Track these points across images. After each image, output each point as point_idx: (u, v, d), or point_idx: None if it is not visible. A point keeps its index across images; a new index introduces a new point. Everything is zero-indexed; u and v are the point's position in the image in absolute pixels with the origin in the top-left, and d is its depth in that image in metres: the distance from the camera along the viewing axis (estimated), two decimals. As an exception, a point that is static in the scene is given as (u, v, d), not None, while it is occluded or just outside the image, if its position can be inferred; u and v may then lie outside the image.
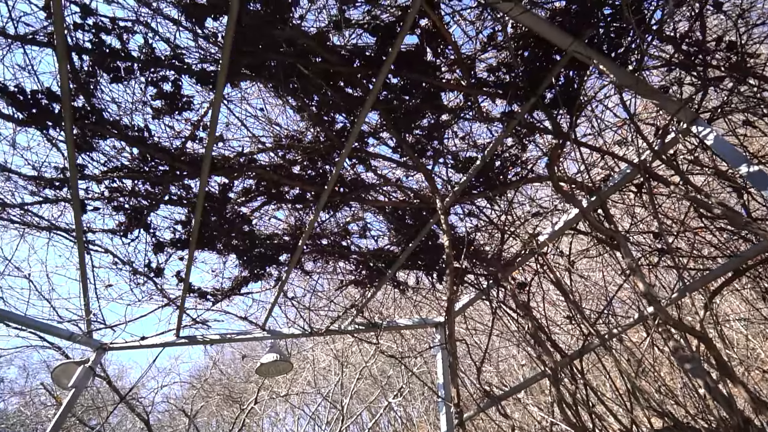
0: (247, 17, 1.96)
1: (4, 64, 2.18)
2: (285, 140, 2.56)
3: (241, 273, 3.32)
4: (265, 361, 3.77)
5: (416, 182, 2.97)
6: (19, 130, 2.39)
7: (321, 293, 3.77)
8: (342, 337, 7.94)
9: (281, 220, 3.10)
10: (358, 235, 3.21)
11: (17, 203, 2.74)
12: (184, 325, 3.69)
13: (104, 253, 3.09)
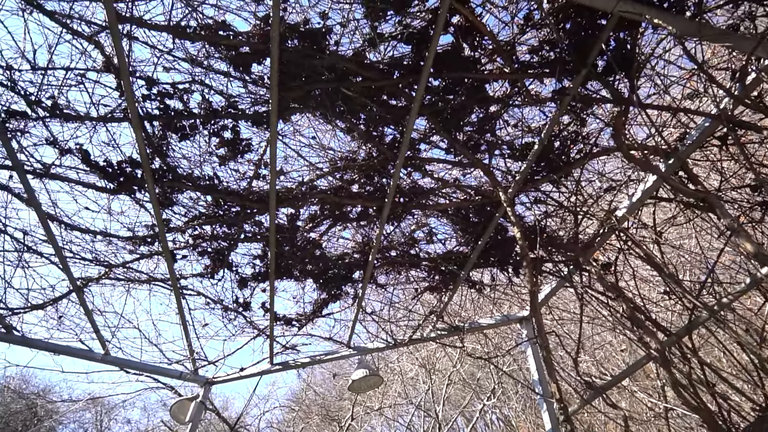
0: (287, 54, 2.07)
1: (92, 143, 2.48)
2: (340, 162, 2.65)
3: (319, 296, 3.44)
4: (356, 377, 3.85)
5: (475, 179, 2.92)
6: (112, 198, 2.69)
7: (398, 304, 3.79)
8: (425, 344, 7.92)
9: (349, 239, 3.19)
10: (425, 241, 3.21)
11: (120, 263, 3.07)
12: (276, 353, 3.89)
13: (197, 296, 3.36)
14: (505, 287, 3.73)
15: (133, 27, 2.04)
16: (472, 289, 3.61)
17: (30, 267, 3.09)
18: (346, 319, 3.77)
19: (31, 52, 2.13)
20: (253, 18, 2.10)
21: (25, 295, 3.22)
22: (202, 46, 2.12)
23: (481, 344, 7.18)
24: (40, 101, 2.25)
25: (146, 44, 2.09)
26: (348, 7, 2.08)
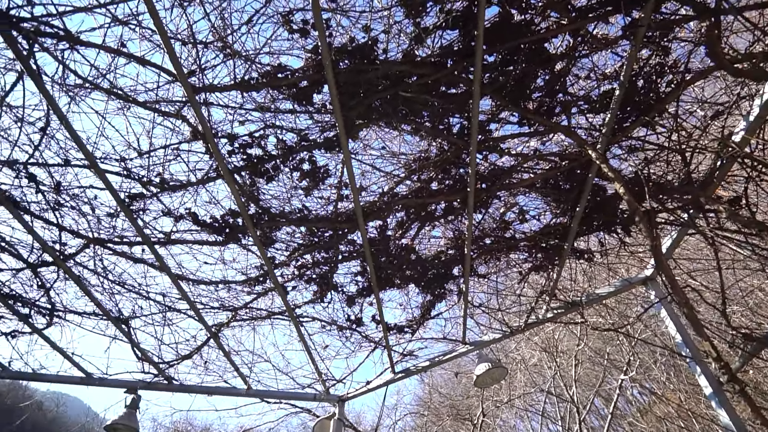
0: (342, 76, 2.15)
1: (197, 205, 2.78)
2: (414, 164, 2.66)
3: (424, 299, 3.47)
4: (479, 372, 3.79)
5: (556, 144, 2.75)
6: (223, 249, 2.99)
7: (505, 291, 3.68)
8: (543, 327, 7.56)
9: (440, 237, 3.18)
10: (518, 221, 3.08)
11: (242, 305, 3.38)
12: (395, 361, 3.98)
13: (313, 321, 3.57)
14: (618, 250, 3.43)
15: (207, 94, 2.27)
16: (581, 259, 3.37)
17: (173, 323, 3.53)
18: (455, 316, 3.75)
19: (135, 141, 2.47)
20: (303, 52, 2.22)
21: (174, 348, 3.69)
22: (266, 92, 2.28)
23: (603, 316, 6.66)
24: (150, 180, 2.59)
25: (220, 105, 2.31)
26: (387, 13, 2.10)
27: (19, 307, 3.29)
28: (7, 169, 2.52)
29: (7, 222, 2.81)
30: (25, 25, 2.01)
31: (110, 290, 3.28)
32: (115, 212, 2.75)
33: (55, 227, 2.80)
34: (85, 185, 2.68)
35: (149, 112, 2.38)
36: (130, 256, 3.00)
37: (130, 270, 3.17)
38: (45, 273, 3.15)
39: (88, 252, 2.99)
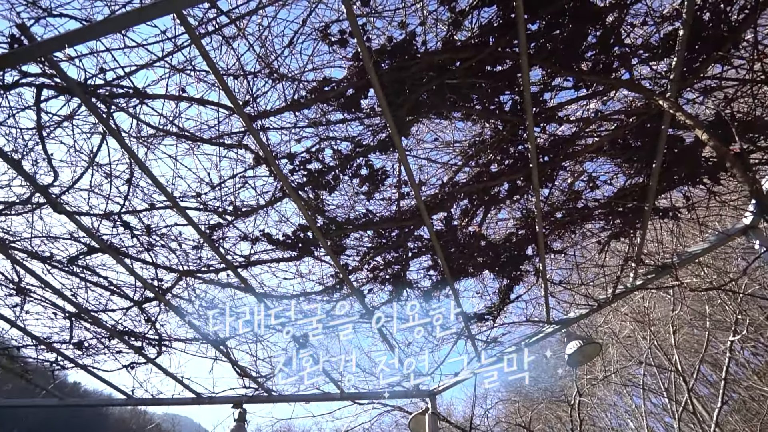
0: (386, 76, 2.16)
1: (268, 225, 2.94)
2: (470, 150, 2.62)
3: (501, 283, 3.39)
4: (571, 350, 3.64)
5: (619, 101, 2.57)
6: (299, 263, 3.13)
7: (585, 264, 3.50)
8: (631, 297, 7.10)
9: (508, 218, 3.09)
10: (589, 189, 2.92)
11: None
12: (480, 349, 3.93)
13: (390, 320, 3.63)
14: (707, 202, 3.14)
15: (263, 120, 2.39)
16: (666, 218, 3.13)
17: (264, 339, 3.76)
18: (536, 297, 3.63)
19: (206, 176, 2.66)
20: (345, 61, 2.26)
21: (269, 362, 3.92)
22: (316, 107, 2.36)
23: (699, 276, 6.12)
24: (225, 210, 2.77)
25: (276, 128, 2.43)
26: (421, 4, 2.09)
27: (133, 341, 3.66)
28: (105, 220, 2.81)
29: (112, 267, 3.14)
30: (100, 91, 2.24)
31: (205, 316, 3.56)
32: (199, 244, 2.98)
33: (152, 266, 3.08)
34: (170, 224, 2.92)
35: (214, 147, 2.56)
36: (217, 282, 3.23)
37: (220, 295, 3.42)
38: (149, 308, 3.48)
39: (181, 284, 3.26)
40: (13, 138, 2.45)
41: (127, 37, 2.12)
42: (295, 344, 3.77)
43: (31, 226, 2.86)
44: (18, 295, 3.26)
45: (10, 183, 2.69)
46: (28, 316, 3.49)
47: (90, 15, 2.02)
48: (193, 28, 1.93)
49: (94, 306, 3.41)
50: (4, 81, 2.18)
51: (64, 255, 3.04)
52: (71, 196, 2.73)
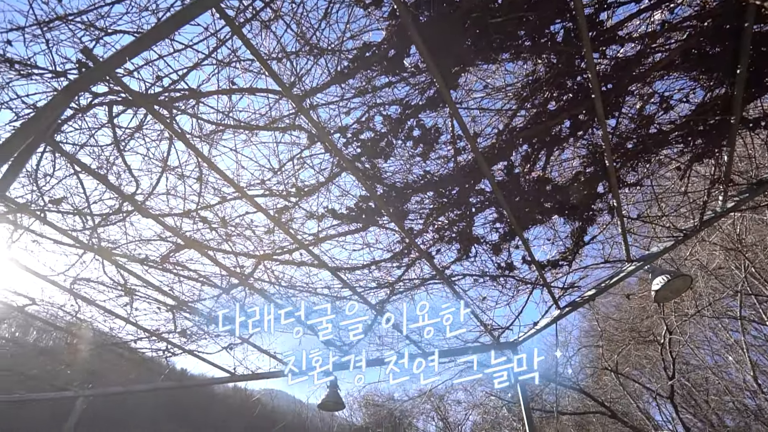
0: (426, 28, 2.09)
1: (330, 201, 3.02)
2: (525, 91, 2.48)
3: (573, 226, 3.26)
4: (657, 286, 3.45)
5: (689, 6, 2.29)
6: (365, 234, 3.20)
7: (665, 194, 3.25)
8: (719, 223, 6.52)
9: (573, 157, 2.93)
10: (662, 111, 2.67)
11: (395, 279, 3.60)
12: (558, 297, 3.85)
13: (463, 278, 3.64)
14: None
15: (311, 98, 2.42)
16: (757, 129, 2.80)
17: (343, 309, 3.93)
18: (613, 236, 3.45)
19: (267, 162, 2.77)
20: (381, 21, 2.21)
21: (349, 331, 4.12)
22: (360, 75, 2.34)
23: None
24: (289, 192, 2.89)
25: (325, 104, 2.45)
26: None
27: (228, 324, 4.01)
28: (185, 218, 3.05)
29: (199, 260, 3.42)
30: (161, 98, 2.38)
31: (286, 294, 3.79)
32: (271, 228, 3.14)
33: (232, 254, 3.31)
34: (241, 213, 3.11)
35: (270, 133, 2.64)
36: (292, 261, 3.41)
37: (296, 273, 3.62)
38: (236, 293, 3.77)
39: (260, 268, 3.48)
40: (96, 156, 2.70)
41: (175, 41, 2.21)
42: (372, 311, 3.93)
43: (125, 233, 3.17)
44: (126, 295, 3.66)
45: (101, 197, 2.98)
46: (137, 312, 3.93)
47: (140, 26, 2.13)
48: (232, 19, 1.97)
49: (189, 297, 3.75)
50: (80, 104, 2.38)
51: (157, 255, 3.36)
52: (153, 201, 2.98)
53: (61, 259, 3.37)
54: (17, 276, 3.53)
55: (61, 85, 2.29)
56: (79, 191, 2.92)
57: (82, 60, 2.14)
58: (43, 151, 2.67)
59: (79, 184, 2.83)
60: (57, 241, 3.14)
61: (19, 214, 2.96)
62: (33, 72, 2.22)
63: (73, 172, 2.78)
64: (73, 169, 2.74)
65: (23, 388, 5.52)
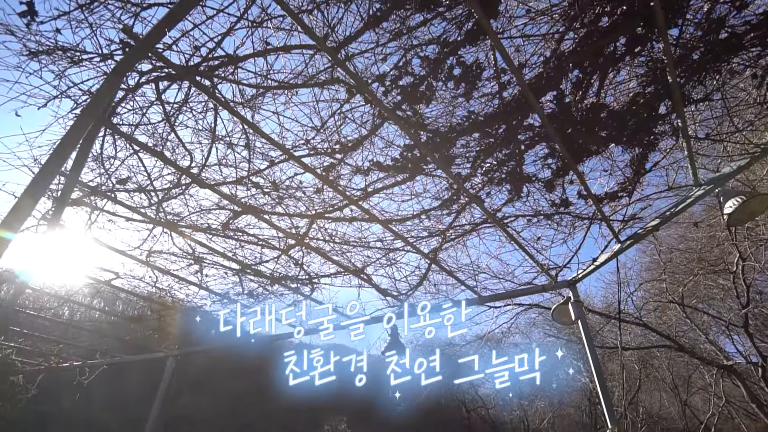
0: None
1: (375, 153, 3.01)
2: (572, 9, 2.28)
3: (632, 154, 3.06)
4: (730, 209, 3.21)
5: None
6: (413, 184, 3.19)
7: (739, 106, 2.94)
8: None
9: (630, 78, 2.70)
10: (735, 10, 2.36)
11: (446, 226, 3.60)
12: (618, 230, 3.70)
13: (516, 219, 3.58)
14: None
15: (346, 49, 2.36)
16: None
17: (397, 261, 4.03)
18: (678, 160, 3.21)
19: (309, 121, 2.79)
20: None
21: (406, 280, 4.23)
22: (394, 17, 2.24)
23: None
24: (333, 149, 2.91)
25: (360, 52, 2.39)
26: None
27: (289, 283, 4.24)
28: (239, 186, 3.17)
29: (256, 225, 3.59)
30: (201, 68, 2.42)
31: (340, 250, 3.92)
32: (320, 187, 3.21)
33: (286, 216, 3.44)
34: (290, 175, 3.18)
35: (309, 90, 2.64)
36: (343, 218, 3.49)
37: (348, 229, 3.71)
38: (293, 253, 3.94)
39: (314, 227, 3.60)
40: (150, 133, 2.84)
41: (207, 6, 2.21)
42: (425, 261, 3.98)
43: (186, 205, 3.36)
44: (196, 263, 3.94)
45: (161, 173, 3.15)
46: (207, 278, 4.24)
47: (171, -3, 2.14)
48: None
49: (252, 261, 3.98)
50: (128, 85, 2.48)
51: (218, 223, 3.55)
52: (207, 172, 3.12)
53: (135, 235, 3.66)
54: (101, 254, 3.89)
55: (110, 68, 2.39)
56: (140, 170, 3.10)
57: (124, 40, 2.21)
58: (104, 135, 2.83)
59: (139, 162, 3.01)
60: (129, 219, 3.39)
61: (93, 196, 3.21)
62: (83, 58, 2.32)
63: (133, 152, 2.94)
64: (132, 148, 2.90)
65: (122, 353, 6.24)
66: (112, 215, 3.38)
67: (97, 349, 6.24)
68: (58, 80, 2.40)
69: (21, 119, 2.60)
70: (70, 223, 3.48)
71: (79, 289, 5.46)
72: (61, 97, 2.50)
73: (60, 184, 2.99)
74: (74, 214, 3.43)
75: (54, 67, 2.34)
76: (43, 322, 7.42)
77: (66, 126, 2.68)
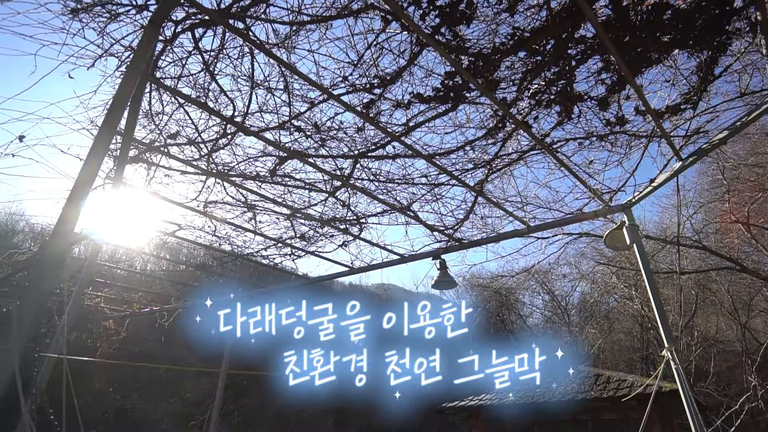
0: None
1: (415, 85, 2.91)
2: None
3: (699, 59, 2.77)
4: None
5: None
6: (455, 114, 3.09)
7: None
8: None
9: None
10: None
11: (492, 156, 3.51)
12: (680, 147, 3.45)
13: (566, 143, 3.41)
14: None
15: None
16: None
17: (443, 196, 4.02)
18: (753, 62, 2.87)
19: (345, 56, 2.71)
20: None
21: (453, 215, 4.23)
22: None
23: None
24: (372, 84, 2.84)
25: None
26: None
27: (339, 224, 4.37)
28: (282, 130, 3.21)
29: (302, 169, 3.66)
30: (233, 10, 2.37)
31: (385, 189, 3.95)
32: (361, 126, 3.18)
33: (330, 158, 3.47)
34: (330, 116, 3.17)
35: (342, 24, 2.54)
36: (387, 155, 3.47)
37: (392, 167, 3.70)
38: (340, 195, 4.02)
39: (358, 167, 3.62)
40: (192, 84, 2.88)
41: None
42: (471, 194, 3.95)
43: (234, 154, 3.47)
44: (249, 210, 4.13)
45: (207, 125, 3.24)
46: (261, 225, 4.45)
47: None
48: None
49: (301, 204, 4.11)
50: (166, 36, 2.50)
51: (265, 170, 3.65)
52: (250, 120, 3.16)
53: (191, 188, 3.86)
54: (162, 208, 4.16)
55: (146, 21, 2.39)
56: (187, 123, 3.20)
57: (156, -13, 2.19)
58: (150, 91, 2.91)
59: (185, 115, 3.09)
60: (183, 172, 3.56)
61: (149, 153, 3.38)
62: (119, 12, 2.34)
63: (178, 105, 3.02)
64: (177, 101, 2.97)
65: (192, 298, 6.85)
66: (168, 170, 3.56)
67: (171, 295, 6.88)
68: (101, 39, 2.45)
69: (74, 82, 2.72)
70: (131, 180, 3.70)
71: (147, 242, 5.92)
72: (106, 56, 2.57)
73: (117, 143, 3.16)
74: (134, 172, 3.65)
75: (95, 25, 2.38)
76: (122, 273, 8.22)
77: (114, 85, 2.78)
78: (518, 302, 23.73)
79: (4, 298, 5.80)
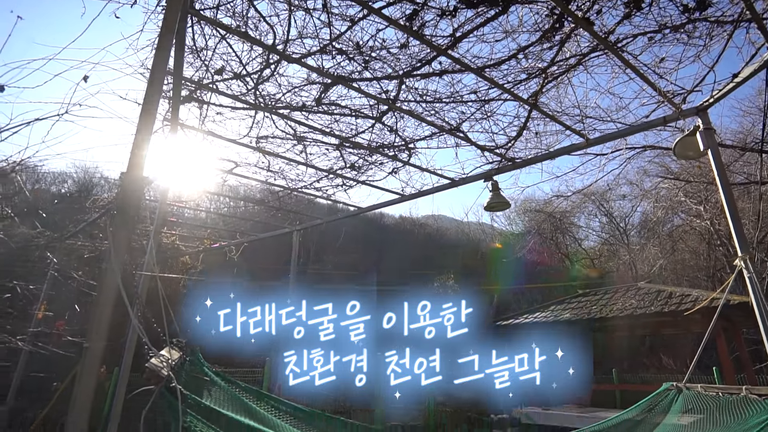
0: None
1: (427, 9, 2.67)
2: None
3: None
4: None
5: None
6: (506, 17, 2.84)
7: None
8: None
9: None
10: None
11: (548, 63, 3.24)
12: None
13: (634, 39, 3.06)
14: None
15: None
16: None
17: (494, 114, 3.83)
18: None
19: None
20: None
21: (505, 132, 4.06)
22: None
23: None
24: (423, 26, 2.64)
25: None
26: None
27: (387, 151, 4.35)
28: (325, 55, 3.13)
29: (347, 96, 3.60)
30: None
31: (433, 110, 3.82)
32: (405, 41, 3.02)
33: (375, 80, 3.37)
34: (372, 33, 3.02)
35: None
36: (433, 73, 3.31)
37: (439, 86, 3.54)
38: (387, 120, 3.95)
39: (403, 87, 3.50)
40: (230, 14, 2.83)
41: None
42: (525, 108, 3.73)
43: (279, 85, 3.46)
44: (299, 142, 4.20)
45: (250, 57, 3.22)
46: (312, 157, 4.53)
47: None
48: None
49: (348, 133, 4.10)
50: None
51: (311, 100, 3.64)
52: (292, 47, 3.10)
53: (242, 124, 3.95)
54: (218, 146, 4.32)
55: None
56: (231, 57, 3.19)
57: None
58: (192, 25, 2.91)
59: (228, 48, 3.08)
60: (233, 108, 3.64)
61: (199, 91, 3.45)
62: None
63: (220, 38, 3.01)
64: (219, 34, 2.95)
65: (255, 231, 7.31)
66: (219, 107, 3.64)
67: (236, 230, 7.39)
68: (138, -28, 2.43)
69: (121, 24, 2.76)
70: (186, 121, 3.85)
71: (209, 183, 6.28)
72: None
73: (169, 83, 3.24)
74: (188, 112, 3.77)
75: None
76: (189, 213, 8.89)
77: (158, 22, 2.79)
78: (573, 226, 23.11)
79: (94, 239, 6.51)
